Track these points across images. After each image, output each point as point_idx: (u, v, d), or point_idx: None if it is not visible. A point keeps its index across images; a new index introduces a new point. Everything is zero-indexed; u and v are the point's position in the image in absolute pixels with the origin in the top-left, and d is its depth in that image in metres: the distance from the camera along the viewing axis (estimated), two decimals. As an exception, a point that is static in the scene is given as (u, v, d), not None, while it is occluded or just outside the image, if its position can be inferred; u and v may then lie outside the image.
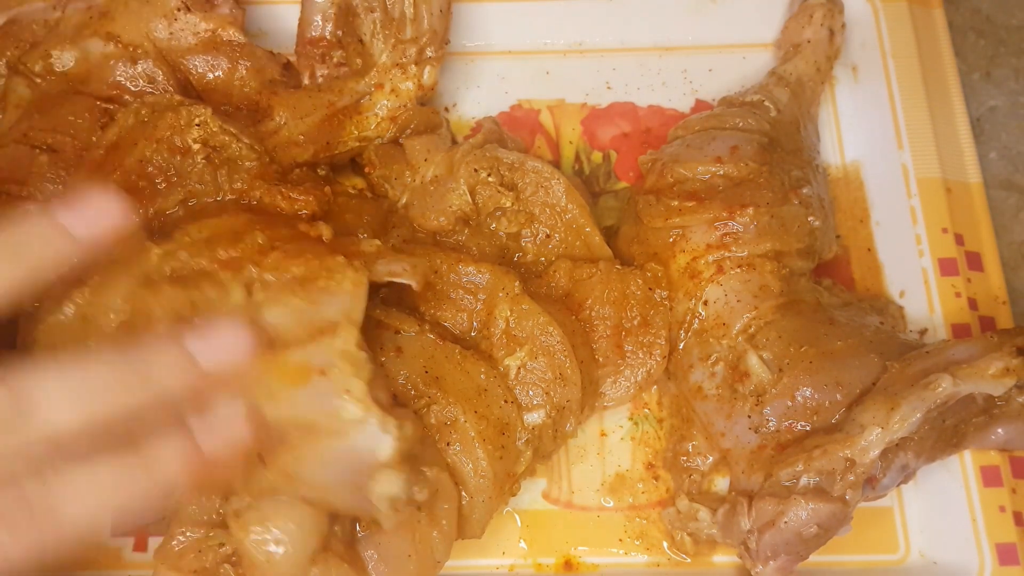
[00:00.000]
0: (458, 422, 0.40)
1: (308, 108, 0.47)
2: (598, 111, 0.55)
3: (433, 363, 0.41)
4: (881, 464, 0.40)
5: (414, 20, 0.48)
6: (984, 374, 0.39)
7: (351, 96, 0.48)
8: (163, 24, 0.47)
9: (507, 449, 0.41)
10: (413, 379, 0.41)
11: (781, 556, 0.40)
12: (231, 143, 0.44)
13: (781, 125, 0.49)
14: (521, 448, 0.42)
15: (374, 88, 0.48)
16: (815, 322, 0.44)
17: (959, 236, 0.50)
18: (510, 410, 0.42)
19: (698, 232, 0.45)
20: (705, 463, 0.44)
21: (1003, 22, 0.61)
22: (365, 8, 0.48)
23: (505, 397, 0.42)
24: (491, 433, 0.41)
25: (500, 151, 0.48)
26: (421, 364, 0.41)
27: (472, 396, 0.41)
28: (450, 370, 0.41)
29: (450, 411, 0.40)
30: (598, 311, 0.45)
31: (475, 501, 0.40)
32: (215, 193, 0.44)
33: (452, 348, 0.42)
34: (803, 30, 0.53)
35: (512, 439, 0.41)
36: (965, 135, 0.53)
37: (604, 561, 0.45)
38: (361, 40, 0.49)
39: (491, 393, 0.41)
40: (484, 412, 0.41)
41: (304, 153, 0.47)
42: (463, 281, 0.44)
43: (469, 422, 0.40)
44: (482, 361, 0.42)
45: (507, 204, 0.47)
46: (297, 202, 0.43)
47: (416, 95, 0.49)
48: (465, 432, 0.40)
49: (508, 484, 0.42)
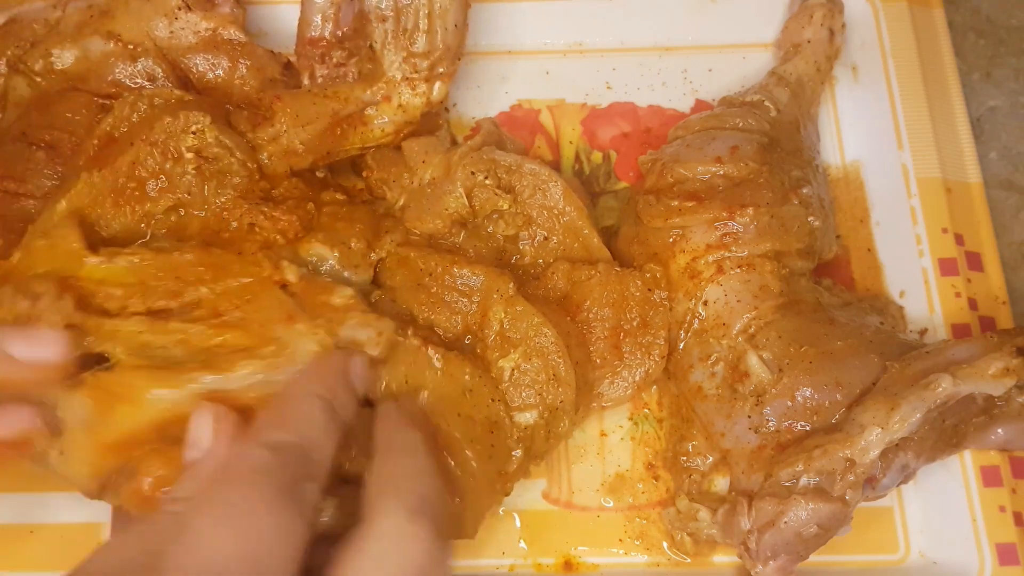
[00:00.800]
0: (440, 428, 0.40)
1: (311, 115, 0.46)
2: (598, 111, 0.55)
3: (413, 370, 0.41)
4: (881, 464, 0.40)
5: (428, 33, 0.46)
6: (984, 374, 0.39)
7: (356, 105, 0.47)
8: (164, 23, 0.47)
9: (497, 448, 0.41)
10: (392, 388, 0.40)
11: (781, 556, 0.40)
12: (224, 156, 0.43)
13: (781, 125, 0.49)
14: (512, 445, 0.42)
15: (381, 100, 0.47)
16: (815, 322, 0.44)
17: (959, 236, 0.50)
18: (498, 408, 0.42)
19: (698, 232, 0.45)
20: (705, 463, 0.44)
21: (1003, 22, 0.61)
22: (378, 16, 0.47)
23: (492, 396, 0.42)
24: (479, 433, 0.41)
25: (497, 153, 0.48)
26: (403, 372, 0.41)
27: (456, 399, 0.41)
28: (431, 376, 0.41)
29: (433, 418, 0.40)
30: (596, 313, 0.45)
31: (466, 502, 0.40)
32: (200, 205, 0.43)
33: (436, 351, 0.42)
34: (803, 30, 0.53)
35: (501, 437, 0.41)
36: (965, 135, 0.53)
37: (604, 561, 0.45)
38: (372, 47, 0.47)
39: (477, 393, 0.41)
40: (470, 413, 0.41)
41: (302, 162, 0.46)
42: (457, 283, 0.44)
43: (453, 426, 0.40)
44: (466, 362, 0.42)
45: (504, 206, 0.47)
46: (280, 222, 0.43)
47: (424, 111, 0.48)
48: (451, 436, 0.40)
49: (500, 483, 0.41)
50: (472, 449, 0.40)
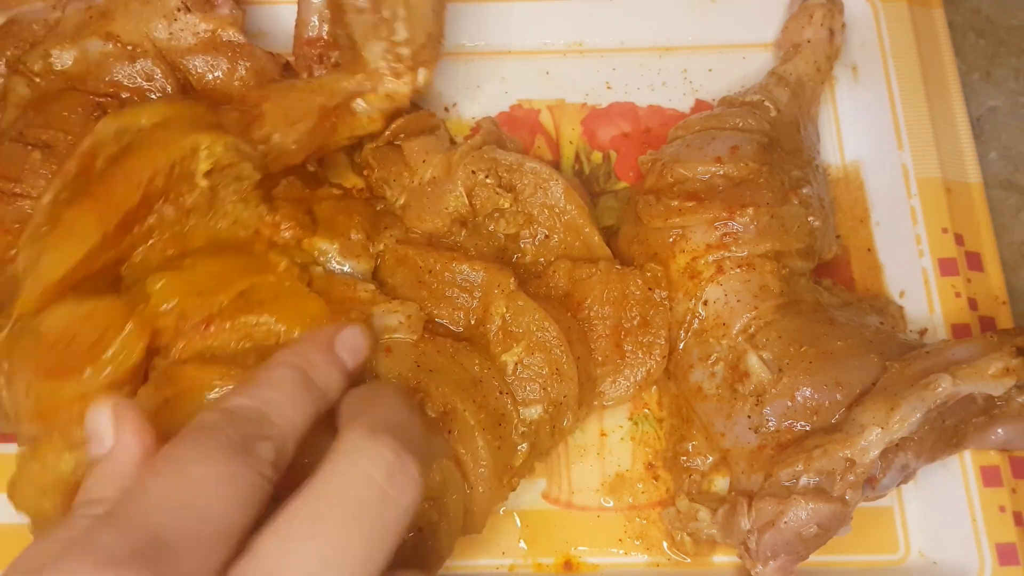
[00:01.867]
0: (457, 410, 0.40)
1: (299, 113, 0.46)
2: (598, 111, 0.55)
3: (425, 358, 0.41)
4: (881, 464, 0.40)
5: (407, 20, 0.47)
6: (984, 374, 0.39)
7: (342, 96, 0.47)
8: (163, 24, 0.47)
9: (504, 440, 0.41)
10: (406, 376, 0.40)
11: (781, 556, 0.40)
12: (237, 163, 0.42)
13: (781, 125, 0.49)
14: (517, 440, 0.42)
15: (368, 91, 0.47)
16: (815, 322, 0.44)
17: (959, 236, 0.50)
18: (505, 401, 0.42)
19: (698, 232, 0.45)
20: (705, 463, 0.44)
21: (1003, 22, 0.61)
22: (354, 8, 0.47)
23: (500, 389, 0.42)
24: (489, 423, 0.41)
25: (498, 152, 0.48)
26: (412, 360, 0.41)
27: (468, 386, 0.41)
28: (443, 363, 0.41)
29: (448, 400, 0.40)
30: (597, 311, 0.45)
31: (476, 492, 0.40)
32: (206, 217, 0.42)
33: (443, 342, 0.42)
34: (803, 30, 0.53)
35: (508, 430, 0.41)
36: (965, 135, 0.53)
37: (604, 561, 0.45)
38: (351, 37, 0.47)
39: (486, 384, 0.41)
40: (481, 402, 0.41)
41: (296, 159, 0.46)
42: (458, 280, 0.44)
43: (468, 411, 0.40)
44: (476, 353, 0.42)
45: (505, 205, 0.47)
46: (279, 228, 0.43)
47: (410, 97, 0.48)
48: (465, 421, 0.40)
49: (506, 477, 0.42)
50: (483, 438, 0.40)
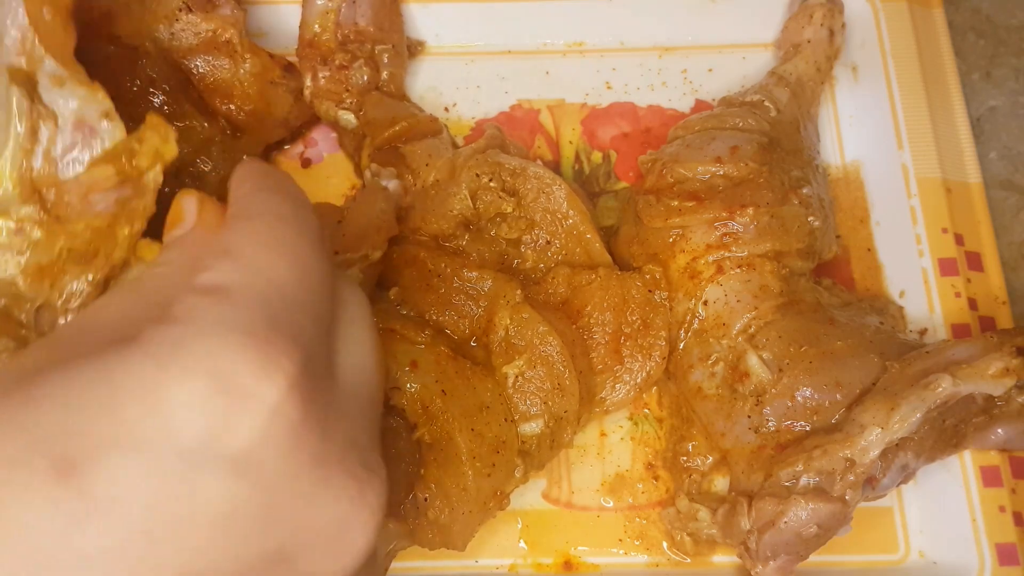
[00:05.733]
0: (453, 439, 0.40)
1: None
2: (598, 111, 0.55)
3: (444, 377, 0.41)
4: (881, 464, 0.40)
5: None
6: (984, 374, 0.39)
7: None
8: (164, 25, 0.47)
9: (498, 467, 0.41)
10: (423, 392, 0.40)
11: (781, 556, 0.40)
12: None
13: (781, 125, 0.49)
14: (516, 462, 0.42)
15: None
16: (815, 322, 0.44)
17: (959, 236, 0.50)
18: (508, 428, 0.42)
19: (698, 232, 0.45)
20: (705, 463, 0.44)
21: (1003, 22, 0.61)
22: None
23: (506, 415, 0.42)
24: (484, 451, 0.40)
25: (502, 156, 0.48)
26: (433, 377, 0.41)
27: (474, 412, 0.41)
28: (459, 385, 0.41)
29: (448, 428, 0.40)
30: (597, 317, 0.45)
31: (456, 514, 0.40)
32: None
33: (464, 363, 0.42)
34: (803, 30, 0.53)
35: (505, 457, 0.41)
36: (965, 135, 0.53)
37: (604, 561, 0.45)
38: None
39: (493, 411, 0.41)
40: (481, 430, 0.41)
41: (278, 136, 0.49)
42: (465, 287, 0.44)
43: (462, 439, 0.40)
44: (489, 378, 0.42)
45: (508, 210, 0.46)
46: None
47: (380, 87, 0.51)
48: (457, 448, 0.40)
49: (494, 501, 0.41)
50: (472, 467, 0.40)
